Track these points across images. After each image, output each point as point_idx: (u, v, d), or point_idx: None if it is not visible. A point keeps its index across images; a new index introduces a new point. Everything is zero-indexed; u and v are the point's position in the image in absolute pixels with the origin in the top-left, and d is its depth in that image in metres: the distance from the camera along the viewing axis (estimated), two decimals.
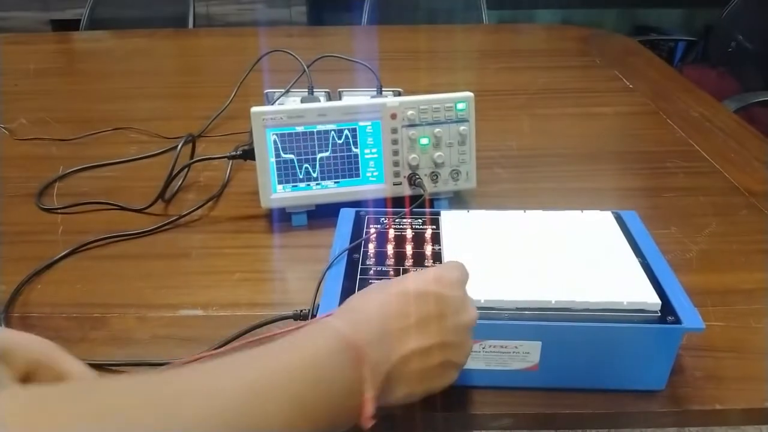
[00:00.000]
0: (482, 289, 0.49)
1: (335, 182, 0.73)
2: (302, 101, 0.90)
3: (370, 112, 0.72)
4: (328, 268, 0.54)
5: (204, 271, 0.68)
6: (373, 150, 0.73)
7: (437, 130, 0.73)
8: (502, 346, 0.49)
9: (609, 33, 1.70)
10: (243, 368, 0.33)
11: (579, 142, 0.98)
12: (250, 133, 0.72)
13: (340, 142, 0.72)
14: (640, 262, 0.53)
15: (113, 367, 0.54)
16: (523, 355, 0.49)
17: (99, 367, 0.54)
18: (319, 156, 0.72)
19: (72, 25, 2.24)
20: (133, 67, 1.43)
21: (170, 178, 0.78)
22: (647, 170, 0.90)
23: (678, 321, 0.47)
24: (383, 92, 0.91)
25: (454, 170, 0.75)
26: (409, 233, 0.59)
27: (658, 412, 0.50)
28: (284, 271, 0.71)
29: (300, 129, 0.70)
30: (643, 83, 1.24)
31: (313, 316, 0.50)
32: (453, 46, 1.59)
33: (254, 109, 0.69)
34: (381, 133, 0.72)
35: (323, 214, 0.73)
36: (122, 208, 0.78)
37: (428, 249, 0.56)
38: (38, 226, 0.76)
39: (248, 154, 0.74)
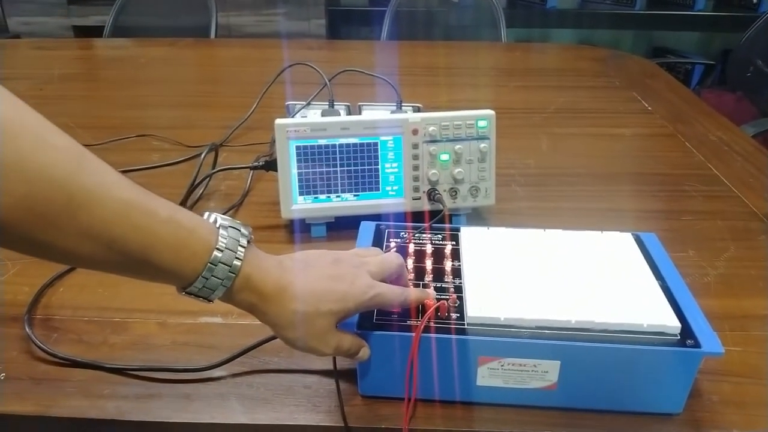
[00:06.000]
0: (502, 307, 0.49)
1: (355, 195, 0.74)
2: (323, 114, 0.91)
3: (392, 127, 0.72)
4: None
5: None
6: (394, 164, 0.73)
7: (458, 146, 0.73)
8: (520, 365, 0.49)
9: (627, 54, 1.71)
10: None
11: (597, 162, 0.98)
12: (271, 143, 0.73)
13: (362, 155, 0.73)
14: (660, 284, 0.53)
15: (132, 372, 0.55)
16: (541, 374, 0.49)
17: (118, 371, 0.55)
18: (340, 169, 0.73)
19: (94, 31, 2.28)
20: (156, 75, 1.45)
21: (193, 186, 0.79)
22: (665, 193, 0.90)
23: (697, 345, 0.47)
24: (403, 107, 0.92)
25: (473, 187, 0.75)
26: (429, 248, 0.59)
27: None
28: None
29: (323, 142, 0.71)
30: (661, 105, 1.24)
31: None
32: (472, 63, 1.60)
33: (278, 121, 0.70)
34: (402, 148, 0.73)
35: (343, 226, 0.73)
36: None
37: (448, 265, 0.57)
38: None
39: (270, 165, 0.75)
